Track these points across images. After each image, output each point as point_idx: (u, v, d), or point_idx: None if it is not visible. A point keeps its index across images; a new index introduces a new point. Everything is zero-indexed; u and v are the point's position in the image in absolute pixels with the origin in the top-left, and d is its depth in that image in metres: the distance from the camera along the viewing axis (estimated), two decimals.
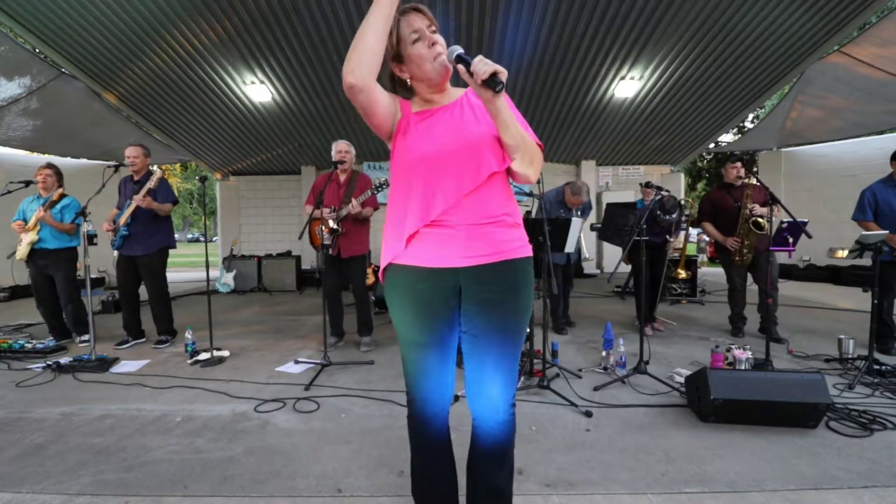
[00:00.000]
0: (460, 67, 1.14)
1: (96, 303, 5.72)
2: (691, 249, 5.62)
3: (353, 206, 3.74)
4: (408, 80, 1.31)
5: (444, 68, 1.25)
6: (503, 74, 1.08)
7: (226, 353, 3.78)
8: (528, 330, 3.07)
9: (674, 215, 3.95)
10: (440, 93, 1.33)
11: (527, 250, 1.32)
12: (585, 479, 1.91)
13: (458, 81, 1.28)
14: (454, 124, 1.28)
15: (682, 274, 4.76)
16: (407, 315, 1.30)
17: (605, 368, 3.29)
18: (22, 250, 4.10)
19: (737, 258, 4.08)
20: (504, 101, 1.16)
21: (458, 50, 1.17)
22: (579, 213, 4.47)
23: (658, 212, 3.88)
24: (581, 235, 4.20)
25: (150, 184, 3.85)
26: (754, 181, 3.97)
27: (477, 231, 1.24)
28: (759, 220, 3.87)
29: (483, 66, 1.08)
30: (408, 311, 1.29)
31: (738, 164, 4.09)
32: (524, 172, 1.25)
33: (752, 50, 5.86)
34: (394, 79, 1.35)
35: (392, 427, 2.40)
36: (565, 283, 4.64)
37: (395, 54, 1.27)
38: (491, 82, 1.08)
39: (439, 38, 1.26)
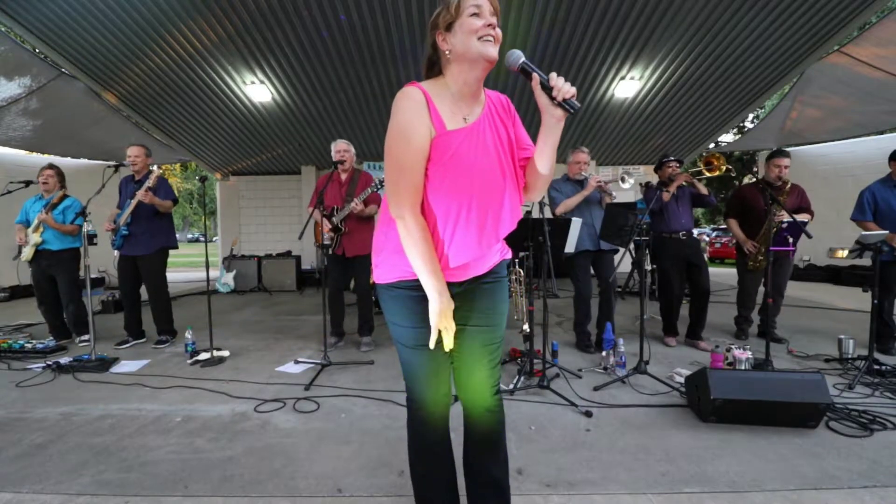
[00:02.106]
0: (535, 76, 1.10)
1: (96, 303, 5.72)
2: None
3: (356, 204, 3.75)
4: (447, 53, 1.22)
5: (488, 57, 1.19)
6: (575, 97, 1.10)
7: (226, 353, 3.78)
8: (529, 330, 3.07)
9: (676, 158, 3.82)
10: (478, 86, 1.27)
11: (507, 253, 1.43)
12: (585, 479, 1.91)
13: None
14: (488, 154, 1.26)
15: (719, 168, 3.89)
16: (406, 322, 1.32)
17: (605, 368, 3.29)
18: (27, 252, 4.11)
19: (750, 263, 3.99)
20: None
21: (523, 57, 1.14)
22: (587, 176, 3.74)
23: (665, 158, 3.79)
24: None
25: (149, 182, 3.85)
26: (790, 184, 3.81)
27: (482, 256, 1.33)
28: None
29: (566, 85, 1.07)
30: (407, 318, 1.31)
31: (785, 160, 3.79)
32: (544, 188, 1.36)
33: (752, 50, 5.86)
34: (430, 60, 1.29)
35: (392, 427, 2.40)
36: (606, 287, 3.73)
37: (449, 24, 1.21)
38: (570, 103, 1.07)
39: (498, 30, 1.21)
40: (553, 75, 1.09)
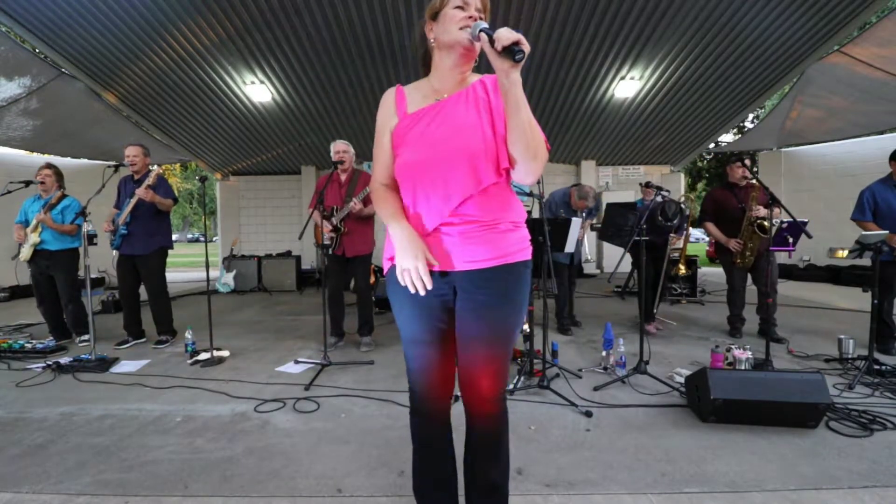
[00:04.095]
0: (482, 36, 1.12)
1: (96, 303, 5.72)
2: (692, 249, 5.56)
3: (354, 203, 3.75)
4: (431, 42, 1.30)
5: (465, 44, 1.22)
6: (525, 45, 1.06)
7: (226, 353, 3.78)
8: (529, 330, 3.07)
9: (675, 221, 3.91)
10: (460, 74, 1.31)
11: (525, 254, 1.31)
12: (585, 479, 1.91)
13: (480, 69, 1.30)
14: (451, 125, 1.24)
15: (683, 270, 4.72)
16: (407, 314, 1.33)
17: (605, 368, 3.29)
18: (25, 252, 4.11)
19: (738, 261, 4.02)
20: (519, 77, 1.12)
21: (483, 24, 1.16)
22: (584, 214, 4.42)
23: (659, 217, 3.84)
24: (585, 237, 4.18)
25: (149, 180, 3.85)
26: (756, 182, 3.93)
27: (472, 237, 1.24)
28: (764, 223, 3.79)
29: (507, 32, 1.06)
30: (407, 310, 1.32)
31: (745, 162, 3.96)
32: (526, 166, 1.19)
33: (752, 50, 5.86)
34: (424, 56, 1.36)
35: (392, 427, 2.40)
36: (569, 283, 4.58)
37: (436, 12, 1.28)
38: (511, 50, 1.06)
39: (482, 22, 1.22)
40: (502, 28, 1.08)
